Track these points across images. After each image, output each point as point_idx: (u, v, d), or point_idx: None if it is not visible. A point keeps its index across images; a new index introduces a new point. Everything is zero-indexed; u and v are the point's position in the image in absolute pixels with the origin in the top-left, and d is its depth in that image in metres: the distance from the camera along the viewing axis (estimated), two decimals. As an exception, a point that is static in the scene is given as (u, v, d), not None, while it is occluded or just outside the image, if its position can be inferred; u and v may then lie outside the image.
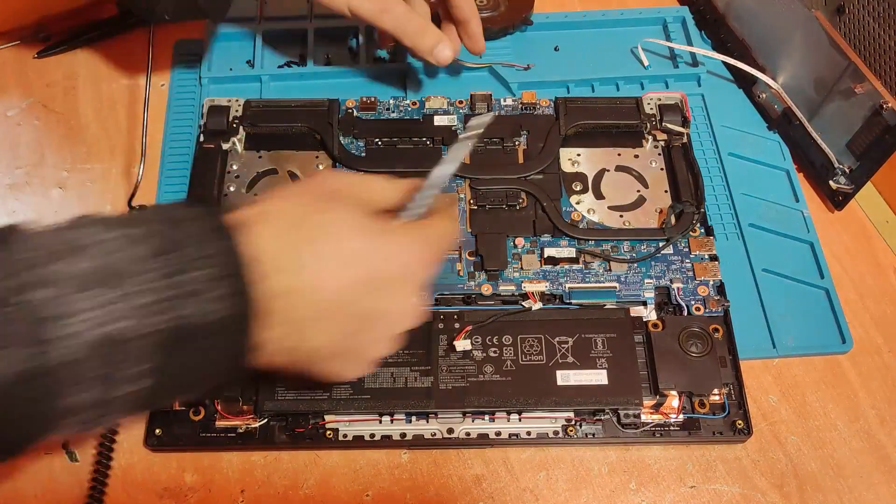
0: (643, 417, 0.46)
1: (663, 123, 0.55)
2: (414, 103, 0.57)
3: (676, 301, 0.49)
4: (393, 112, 0.57)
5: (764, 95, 0.59)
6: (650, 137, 0.56)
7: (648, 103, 0.56)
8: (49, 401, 0.28)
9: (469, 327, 0.47)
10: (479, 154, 0.55)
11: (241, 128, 0.55)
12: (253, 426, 0.45)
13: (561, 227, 0.51)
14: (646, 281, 0.50)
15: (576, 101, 0.57)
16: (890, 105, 0.49)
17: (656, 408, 0.46)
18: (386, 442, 0.46)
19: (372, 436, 0.45)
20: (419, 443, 0.46)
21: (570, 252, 0.50)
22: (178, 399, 0.34)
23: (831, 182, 0.55)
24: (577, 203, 0.53)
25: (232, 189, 0.53)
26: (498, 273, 0.50)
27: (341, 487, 0.45)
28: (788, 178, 0.57)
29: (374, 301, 0.36)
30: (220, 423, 0.45)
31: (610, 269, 0.50)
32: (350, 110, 0.57)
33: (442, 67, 0.60)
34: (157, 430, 0.45)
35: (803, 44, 0.55)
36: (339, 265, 0.35)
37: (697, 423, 0.46)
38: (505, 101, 0.58)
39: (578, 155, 0.56)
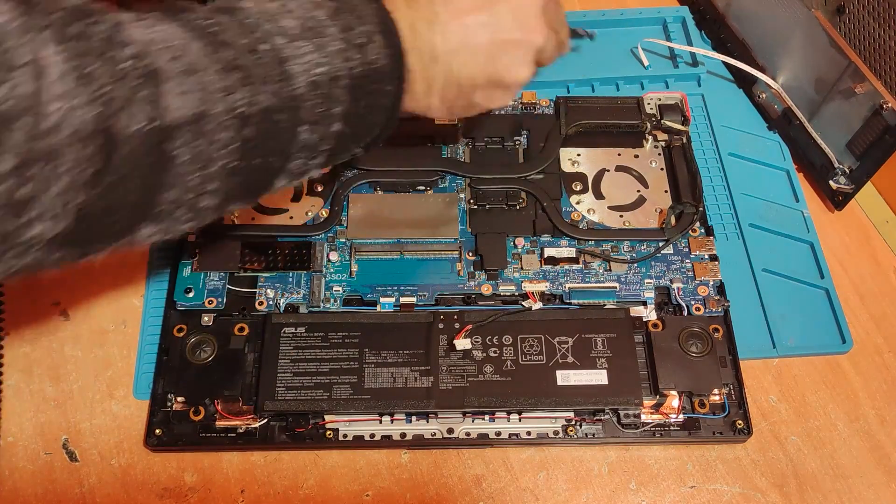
0: (643, 417, 0.46)
1: (663, 123, 0.55)
2: (414, 103, 0.57)
3: (676, 301, 0.49)
4: (393, 112, 0.57)
5: (764, 95, 0.59)
6: (650, 137, 0.56)
7: (648, 103, 0.56)
8: (290, 132, 0.33)
9: (469, 326, 0.47)
10: (479, 154, 0.55)
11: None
12: (253, 426, 0.45)
13: (561, 227, 0.51)
14: (646, 281, 0.50)
15: (576, 100, 0.57)
16: (890, 105, 0.49)
17: (656, 408, 0.46)
18: (386, 442, 0.46)
19: (372, 436, 0.45)
20: (419, 443, 0.46)
21: (570, 252, 0.50)
22: (353, 149, 0.38)
23: (831, 182, 0.55)
24: (577, 203, 0.53)
25: (232, 189, 0.53)
26: (498, 273, 0.50)
27: (341, 487, 0.45)
28: (788, 178, 0.57)
29: (511, 27, 0.39)
30: (220, 423, 0.45)
31: (610, 269, 0.50)
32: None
33: None
34: (158, 430, 0.45)
35: (803, 44, 0.55)
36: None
37: (697, 423, 0.46)
38: (505, 100, 0.58)
39: (578, 155, 0.56)
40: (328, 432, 0.45)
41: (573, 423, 0.46)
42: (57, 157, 0.26)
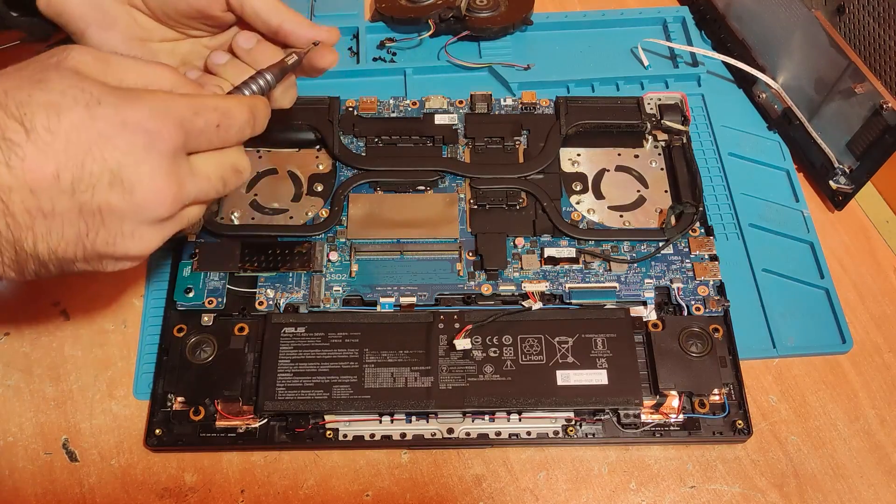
0: (643, 417, 0.46)
1: (663, 123, 0.55)
2: (414, 103, 0.57)
3: (676, 301, 0.49)
4: (393, 111, 0.57)
5: (764, 95, 0.59)
6: (650, 137, 0.56)
7: (648, 103, 0.56)
8: None
9: (469, 326, 0.47)
10: (480, 154, 0.55)
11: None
12: (253, 426, 0.45)
13: (561, 227, 0.51)
14: (646, 281, 0.50)
15: (576, 100, 0.57)
16: (890, 105, 0.49)
17: (656, 408, 0.46)
18: (386, 442, 0.46)
19: (372, 436, 0.45)
20: (419, 443, 0.46)
21: (570, 252, 0.50)
22: None
23: (831, 182, 0.55)
24: (577, 203, 0.53)
25: (232, 189, 0.53)
26: (498, 273, 0.50)
27: (341, 487, 0.45)
28: (788, 178, 0.57)
29: (109, 189, 0.29)
30: (220, 423, 0.45)
31: (610, 269, 0.50)
32: (350, 110, 0.57)
33: (438, 66, 0.60)
34: (157, 430, 0.45)
35: (803, 44, 0.55)
36: (55, 146, 0.28)
37: (697, 423, 0.46)
38: (505, 101, 0.58)
39: (578, 155, 0.56)
40: (328, 432, 0.45)
41: (573, 423, 0.46)
42: None
